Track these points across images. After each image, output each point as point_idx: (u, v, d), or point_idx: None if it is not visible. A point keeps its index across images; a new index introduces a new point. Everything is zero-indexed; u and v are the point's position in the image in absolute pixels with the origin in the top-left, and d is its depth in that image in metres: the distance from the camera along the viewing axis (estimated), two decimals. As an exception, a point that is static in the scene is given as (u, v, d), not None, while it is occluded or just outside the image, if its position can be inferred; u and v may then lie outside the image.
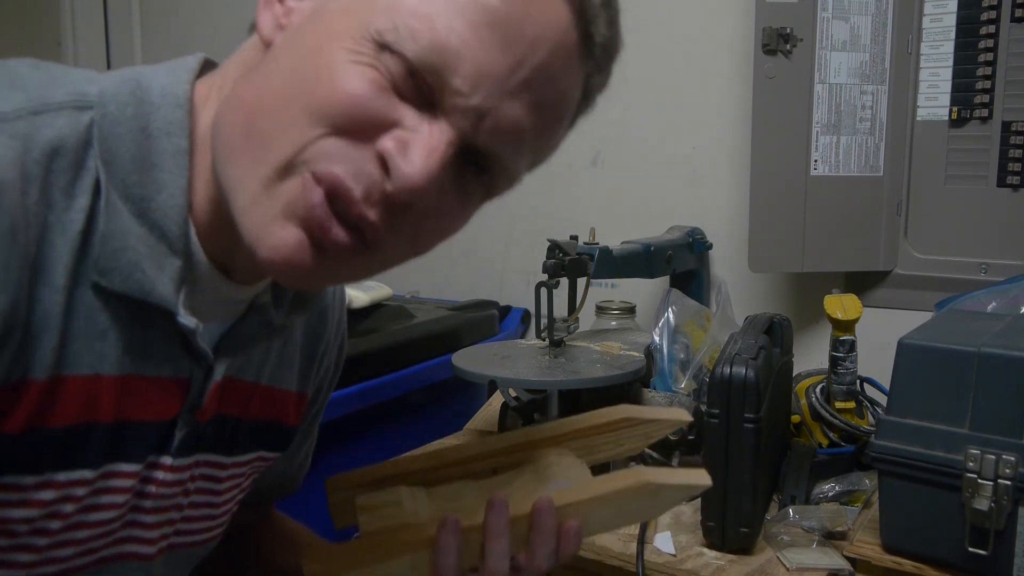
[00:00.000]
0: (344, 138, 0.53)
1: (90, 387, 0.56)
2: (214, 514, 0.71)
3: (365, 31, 0.53)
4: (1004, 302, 1.17)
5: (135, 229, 0.55)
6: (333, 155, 0.53)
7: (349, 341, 1.45)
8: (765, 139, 1.41)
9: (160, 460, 0.62)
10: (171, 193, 0.56)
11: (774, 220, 1.43)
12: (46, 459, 0.55)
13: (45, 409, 0.54)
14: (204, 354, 0.61)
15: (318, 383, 0.81)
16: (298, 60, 0.54)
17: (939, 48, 1.41)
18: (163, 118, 0.57)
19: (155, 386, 0.60)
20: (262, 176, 0.53)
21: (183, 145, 0.57)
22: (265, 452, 0.75)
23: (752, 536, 1.01)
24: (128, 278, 0.55)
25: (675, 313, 1.29)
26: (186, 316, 0.58)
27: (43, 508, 0.56)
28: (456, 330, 1.62)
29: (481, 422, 1.30)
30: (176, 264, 0.57)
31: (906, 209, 1.46)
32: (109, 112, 0.56)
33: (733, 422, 0.99)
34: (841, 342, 1.20)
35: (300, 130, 0.53)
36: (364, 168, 0.53)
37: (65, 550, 0.59)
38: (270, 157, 0.53)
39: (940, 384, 0.89)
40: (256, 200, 0.54)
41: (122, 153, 0.55)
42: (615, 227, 1.60)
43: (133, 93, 0.57)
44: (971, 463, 0.86)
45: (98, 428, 0.57)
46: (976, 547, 0.86)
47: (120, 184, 0.55)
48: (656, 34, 1.64)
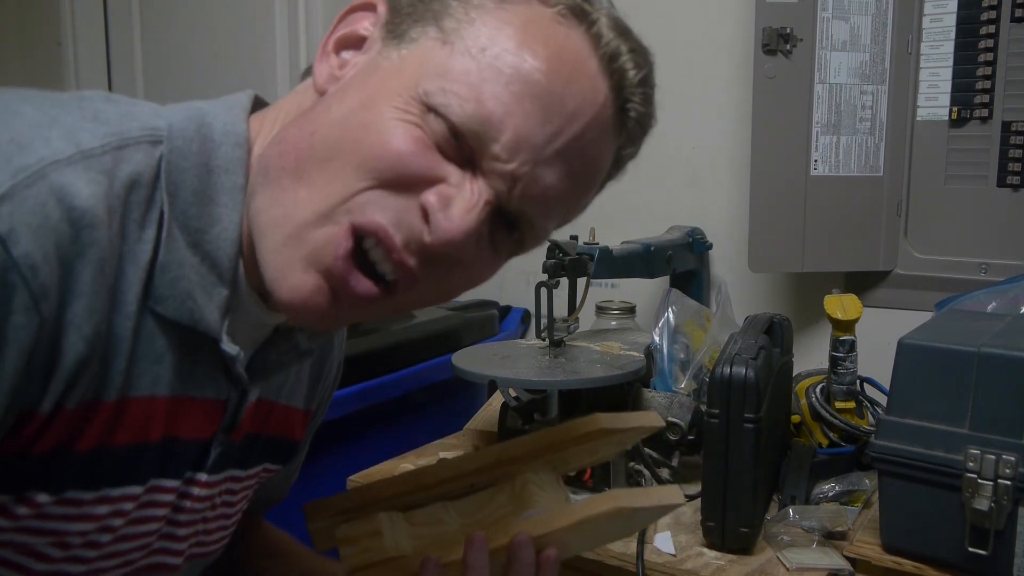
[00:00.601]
0: (388, 190, 0.56)
1: (147, 408, 0.59)
2: (227, 525, 0.74)
3: (414, 91, 0.57)
4: (1004, 302, 1.17)
5: (189, 259, 0.58)
6: (377, 205, 0.56)
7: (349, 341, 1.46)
8: (765, 139, 1.41)
9: (196, 476, 0.65)
10: (224, 227, 0.59)
11: (774, 220, 1.43)
12: (105, 476, 0.58)
13: (111, 429, 0.57)
14: (241, 379, 0.64)
15: (320, 399, 0.84)
16: (349, 112, 0.58)
17: (939, 48, 1.41)
18: (224, 156, 0.60)
19: (199, 407, 0.63)
20: (300, 220, 0.57)
21: (240, 182, 0.60)
22: (270, 464, 0.77)
23: (752, 536, 1.01)
24: (181, 306, 0.58)
25: (675, 313, 1.29)
26: (228, 344, 0.61)
27: (98, 522, 0.59)
28: (456, 330, 1.62)
29: (481, 422, 1.30)
30: (224, 293, 0.60)
31: (906, 209, 1.46)
32: (176, 147, 0.58)
33: (733, 422, 0.99)
34: (841, 342, 1.20)
35: (347, 181, 0.56)
36: (406, 218, 0.57)
37: (111, 561, 0.62)
38: (313, 203, 0.56)
39: (940, 384, 0.89)
40: (287, 242, 0.57)
41: (185, 187, 0.58)
42: (615, 227, 1.60)
43: (198, 130, 0.60)
44: (971, 463, 0.86)
45: (150, 447, 0.60)
46: (976, 547, 0.86)
47: (180, 216, 0.58)
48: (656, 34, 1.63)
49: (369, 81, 0.59)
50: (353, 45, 0.63)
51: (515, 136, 0.57)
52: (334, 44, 0.63)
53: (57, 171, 0.50)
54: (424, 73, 0.57)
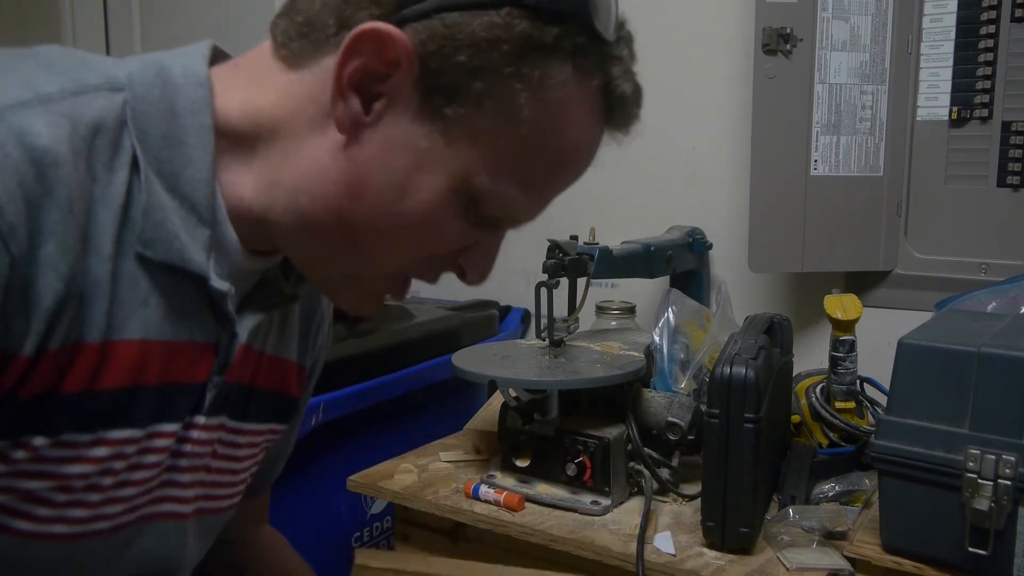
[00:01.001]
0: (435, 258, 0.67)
1: (139, 351, 0.60)
2: (234, 480, 0.75)
3: (463, 181, 0.60)
4: (1004, 302, 1.17)
5: (169, 202, 0.60)
6: (427, 269, 0.68)
7: (349, 341, 1.46)
8: (765, 139, 1.41)
9: (195, 420, 0.66)
10: (198, 168, 0.61)
11: (774, 220, 1.43)
12: (100, 418, 0.59)
13: (98, 371, 0.58)
14: (231, 316, 0.65)
15: (314, 357, 0.85)
16: (396, 193, 0.60)
17: (939, 48, 1.41)
18: (187, 97, 0.61)
19: (192, 350, 0.64)
20: (363, 279, 0.66)
21: (207, 122, 0.61)
22: (275, 425, 0.79)
23: (752, 536, 1.01)
24: (169, 248, 0.60)
25: (675, 313, 1.29)
26: (218, 281, 0.63)
27: (98, 464, 0.60)
28: (456, 330, 1.62)
29: (481, 422, 1.30)
30: (205, 233, 0.62)
31: (906, 209, 1.46)
32: (138, 93, 0.60)
33: (733, 422, 0.99)
34: (841, 342, 1.20)
35: (403, 260, 0.65)
36: (445, 269, 0.69)
37: (114, 507, 0.63)
38: (370, 270, 0.66)
39: (940, 384, 0.89)
40: (348, 284, 0.67)
41: (153, 131, 0.60)
42: (615, 227, 1.60)
43: (158, 75, 0.61)
44: (971, 463, 0.86)
45: (145, 390, 0.61)
46: (976, 547, 0.86)
47: (154, 160, 0.59)
48: (656, 34, 1.64)
49: (411, 156, 0.60)
50: (374, 90, 0.59)
51: (537, 212, 0.68)
52: (351, 83, 0.59)
53: (15, 114, 0.52)
54: (475, 165, 0.60)
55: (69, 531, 0.61)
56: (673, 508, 1.13)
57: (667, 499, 1.14)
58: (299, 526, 0.99)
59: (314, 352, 0.84)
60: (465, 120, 0.59)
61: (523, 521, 1.08)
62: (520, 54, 0.57)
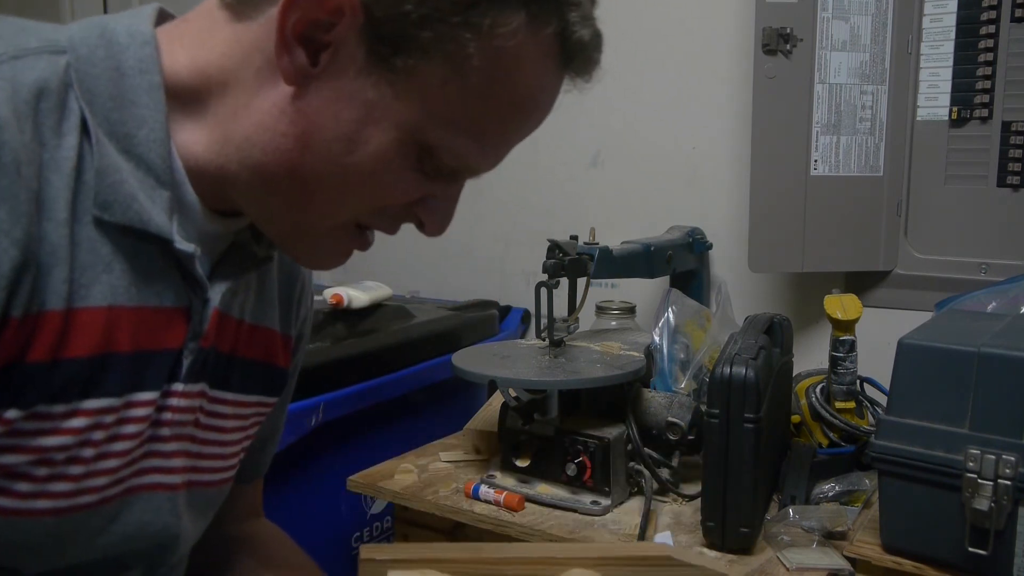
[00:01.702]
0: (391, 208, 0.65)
1: (106, 318, 0.59)
2: (223, 453, 0.74)
3: (414, 133, 0.59)
4: (1004, 302, 1.17)
5: (124, 164, 0.59)
6: (381, 219, 0.66)
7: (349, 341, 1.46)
8: (765, 139, 1.41)
9: (173, 387, 0.66)
10: (151, 128, 0.60)
11: (774, 220, 1.43)
12: (72, 388, 0.58)
13: (64, 340, 0.57)
14: (201, 279, 0.65)
15: (299, 328, 0.84)
16: (346, 145, 0.59)
17: (939, 48, 1.41)
18: (133, 56, 0.60)
19: (163, 316, 0.63)
20: (317, 231, 0.65)
21: (156, 80, 0.60)
22: (264, 397, 0.78)
23: (752, 536, 1.01)
24: (128, 209, 0.58)
25: (675, 313, 1.29)
26: (183, 243, 0.62)
27: (76, 436, 0.59)
28: (456, 330, 1.62)
29: (481, 422, 1.30)
30: (165, 195, 0.61)
31: (906, 209, 1.46)
32: (82, 55, 0.59)
33: (733, 422, 0.99)
34: (841, 342, 1.20)
35: (356, 211, 0.64)
36: (402, 220, 0.67)
37: (99, 479, 0.62)
38: (326, 222, 0.64)
39: (940, 384, 0.89)
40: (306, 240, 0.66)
41: (100, 92, 0.58)
42: (615, 227, 1.60)
43: (101, 36, 0.60)
44: (971, 463, 0.86)
45: (117, 358, 0.60)
46: (976, 547, 0.86)
47: (104, 122, 0.58)
48: (656, 34, 1.64)
49: (359, 108, 0.59)
50: (320, 40, 0.58)
51: (494, 163, 0.66)
52: (295, 33, 0.58)
53: None
54: (424, 117, 0.59)
55: (54, 506, 0.60)
56: (673, 508, 1.13)
57: (667, 499, 1.14)
58: (299, 526, 0.99)
59: (298, 322, 0.83)
60: (413, 71, 0.57)
61: (523, 521, 1.08)
62: (469, 2, 0.56)
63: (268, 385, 0.78)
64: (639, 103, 1.67)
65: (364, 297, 1.54)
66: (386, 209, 0.65)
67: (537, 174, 1.82)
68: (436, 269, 1.97)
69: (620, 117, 1.70)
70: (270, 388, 0.78)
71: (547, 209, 1.80)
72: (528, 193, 1.84)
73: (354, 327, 1.51)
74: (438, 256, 1.98)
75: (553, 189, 1.80)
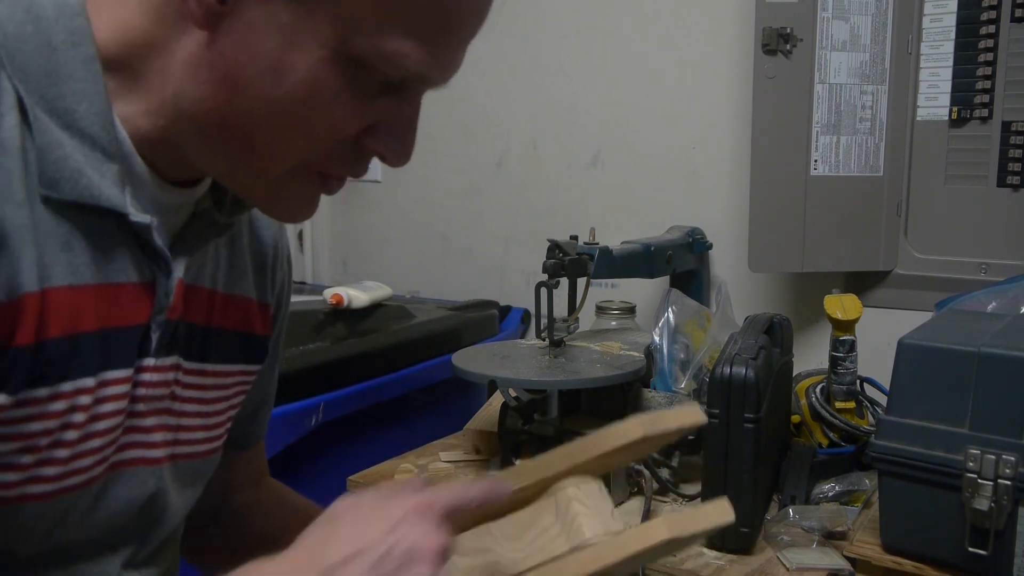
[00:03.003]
0: (337, 144, 0.60)
1: (72, 298, 0.58)
2: (207, 424, 0.74)
3: (340, 47, 0.55)
4: (1004, 302, 1.17)
5: (67, 141, 0.57)
6: (336, 159, 0.61)
7: (349, 341, 1.46)
8: (765, 139, 1.41)
9: (144, 363, 0.65)
10: (92, 101, 0.58)
11: (774, 220, 1.43)
12: (51, 370, 0.58)
13: (42, 321, 0.57)
14: (161, 251, 0.63)
15: (276, 296, 0.82)
16: (274, 73, 0.56)
17: (939, 48, 1.41)
18: (64, 28, 0.58)
19: (126, 292, 0.62)
20: (273, 177, 0.61)
21: (91, 52, 0.58)
22: (246, 365, 0.77)
23: (752, 536, 1.01)
24: (76, 185, 0.57)
25: (675, 313, 1.29)
26: (138, 215, 0.60)
27: (58, 419, 0.59)
28: (456, 330, 1.62)
29: (481, 422, 1.30)
30: (114, 168, 0.59)
31: (906, 209, 1.46)
32: (10, 32, 0.57)
33: (733, 422, 0.99)
34: (841, 342, 1.20)
35: (301, 151, 0.60)
36: (361, 158, 0.62)
37: (85, 460, 0.62)
38: (278, 166, 0.60)
39: (940, 384, 0.89)
40: (269, 192, 0.62)
41: (34, 70, 0.57)
42: (615, 227, 1.60)
43: (27, 11, 0.58)
44: (971, 463, 0.86)
45: (86, 337, 0.60)
46: (976, 547, 0.86)
47: (40, 100, 0.57)
48: (656, 34, 1.64)
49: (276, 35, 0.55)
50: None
51: (441, 73, 0.60)
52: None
53: None
54: (346, 27, 0.55)
55: (43, 490, 0.60)
56: (673, 508, 1.13)
57: (667, 499, 1.14)
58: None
59: (275, 289, 0.82)
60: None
61: (523, 521, 1.08)
62: None
63: (248, 354, 0.77)
64: (639, 103, 1.67)
65: (364, 297, 1.54)
66: (338, 145, 0.60)
67: (537, 174, 1.82)
68: (436, 269, 1.97)
69: (620, 117, 1.70)
70: (251, 356, 0.77)
71: (547, 209, 1.80)
72: (528, 193, 1.84)
73: (354, 327, 1.51)
74: (438, 256, 1.98)
75: (553, 189, 1.80)
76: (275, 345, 0.84)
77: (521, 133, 1.83)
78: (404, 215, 2.02)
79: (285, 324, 0.86)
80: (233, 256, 0.75)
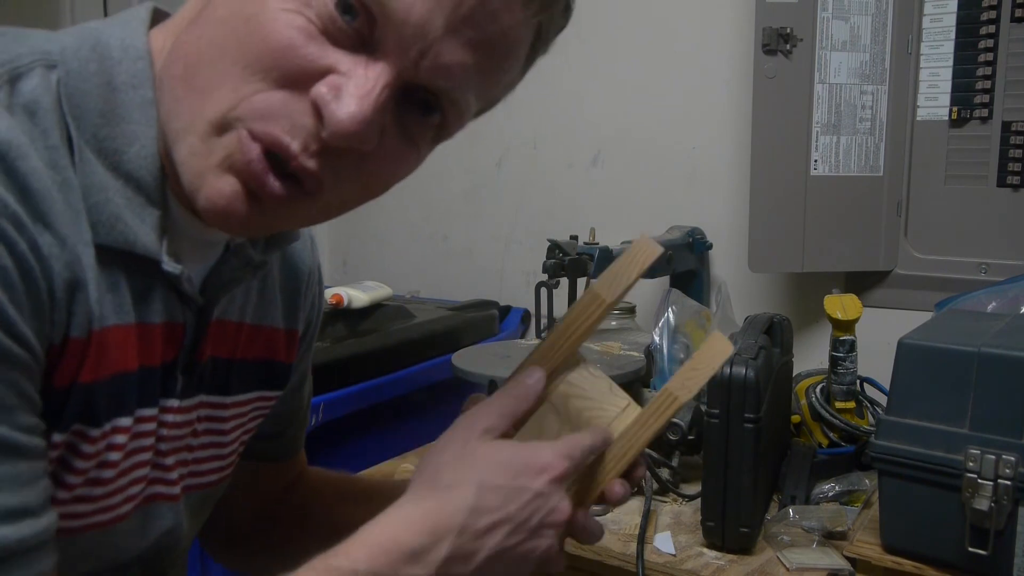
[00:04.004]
0: (278, 90, 0.53)
1: (119, 337, 0.58)
2: (221, 454, 0.74)
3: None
4: (1004, 302, 1.17)
5: (112, 183, 0.57)
6: (268, 112, 0.53)
7: (349, 341, 1.46)
8: (765, 139, 1.41)
9: (168, 403, 0.65)
10: (143, 144, 0.58)
11: (774, 220, 1.43)
12: (100, 409, 0.58)
13: (97, 360, 0.57)
14: (192, 297, 0.63)
15: (307, 318, 0.82)
16: (230, 10, 0.54)
17: (939, 48, 1.41)
18: (126, 71, 0.58)
19: (159, 332, 0.62)
20: (200, 130, 0.54)
21: (149, 96, 0.58)
22: (265, 392, 0.77)
23: (752, 536, 1.01)
24: (112, 230, 0.56)
25: (675, 313, 1.29)
26: (170, 263, 0.60)
27: (95, 458, 0.59)
28: (456, 330, 1.62)
29: (481, 422, 1.30)
30: (156, 214, 0.59)
31: (906, 209, 1.46)
32: (73, 69, 0.57)
33: (733, 422, 0.99)
34: (841, 342, 1.21)
35: (234, 85, 0.53)
36: (300, 121, 0.53)
37: (115, 498, 0.62)
38: (207, 112, 0.54)
39: (940, 384, 0.89)
40: (195, 152, 0.55)
41: (90, 108, 0.56)
42: (615, 227, 1.60)
43: (94, 49, 0.58)
44: (971, 463, 0.86)
45: (130, 376, 0.60)
46: (976, 547, 0.86)
47: (91, 139, 0.56)
48: (656, 34, 1.64)
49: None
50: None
51: (410, 4, 0.52)
52: None
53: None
54: None
55: (69, 526, 0.60)
56: (673, 508, 1.13)
57: (667, 499, 1.14)
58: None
59: (304, 314, 0.81)
60: None
61: (523, 521, 1.08)
62: None
63: (268, 381, 0.77)
64: (639, 103, 1.67)
65: (364, 297, 1.54)
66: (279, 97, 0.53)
67: (537, 174, 1.82)
68: (436, 269, 1.97)
69: (620, 117, 1.70)
70: (270, 383, 0.78)
71: (547, 209, 1.81)
72: (528, 193, 1.84)
73: (354, 327, 1.51)
74: (438, 256, 1.98)
75: (553, 189, 1.80)
76: (297, 366, 0.83)
77: (521, 133, 1.83)
78: (404, 215, 2.02)
79: (314, 342, 0.86)
80: (263, 287, 0.75)
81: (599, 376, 0.70)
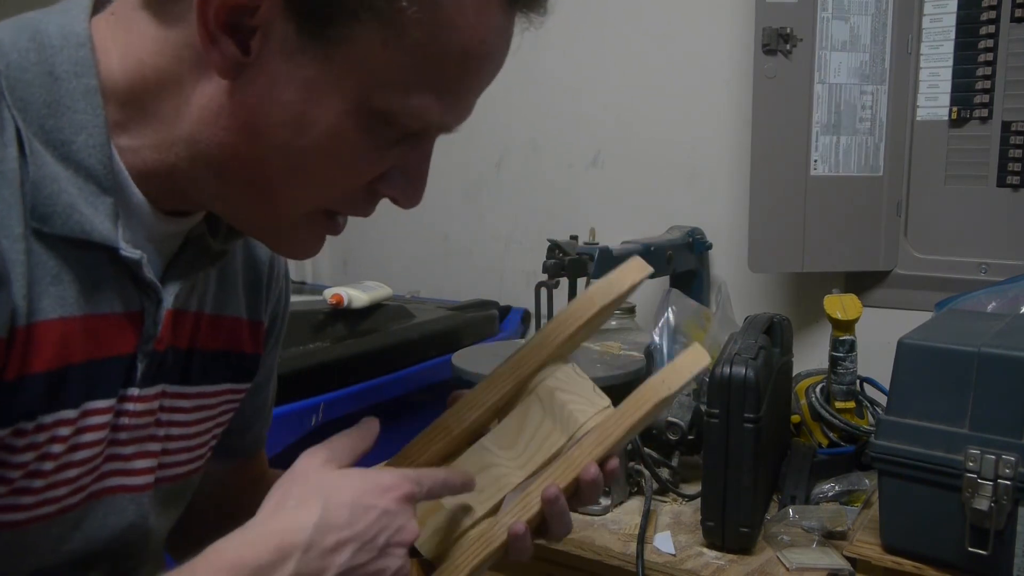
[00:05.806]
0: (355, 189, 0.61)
1: (60, 330, 0.58)
2: (190, 445, 0.73)
3: (363, 103, 0.56)
4: (1004, 302, 1.17)
5: (62, 173, 0.57)
6: (348, 202, 0.63)
7: (349, 341, 1.46)
8: (765, 139, 1.41)
9: (128, 392, 0.64)
10: (90, 133, 0.58)
11: (774, 220, 1.43)
12: (36, 403, 0.58)
13: (31, 354, 0.56)
14: (152, 284, 0.63)
15: (272, 311, 0.82)
16: (296, 126, 0.57)
17: (939, 48, 1.41)
18: (67, 59, 0.58)
19: (113, 322, 0.62)
20: (288, 222, 0.62)
21: (93, 84, 0.58)
22: (233, 384, 0.76)
23: (752, 536, 1.01)
24: (68, 220, 0.57)
25: (675, 313, 1.29)
26: (129, 249, 0.60)
27: (37, 450, 0.59)
28: (456, 330, 1.62)
29: (481, 422, 1.30)
30: (108, 201, 0.59)
31: (906, 209, 1.46)
32: (13, 60, 0.56)
33: (733, 422, 0.99)
34: (841, 342, 1.21)
35: (319, 196, 0.61)
36: (374, 202, 0.64)
37: (59, 490, 0.61)
38: (294, 211, 0.61)
39: (940, 384, 0.89)
40: (281, 232, 0.64)
41: (34, 100, 0.56)
42: (615, 227, 1.60)
43: (32, 39, 0.57)
44: (971, 463, 0.86)
45: (74, 369, 0.59)
46: (976, 547, 0.86)
47: (39, 131, 0.56)
48: (656, 34, 1.64)
49: (298, 89, 0.56)
50: (245, 28, 0.55)
51: (461, 114, 0.61)
52: (219, 24, 0.54)
53: None
54: (371, 83, 0.56)
55: (15, 519, 0.60)
56: (673, 508, 1.13)
57: (667, 499, 1.15)
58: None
59: (269, 305, 0.81)
60: (347, 39, 0.54)
61: (523, 521, 1.08)
62: None
63: (235, 373, 0.77)
64: (639, 103, 1.67)
65: (364, 297, 1.54)
66: (352, 190, 0.61)
67: (537, 174, 1.82)
68: (436, 269, 1.97)
69: (620, 117, 1.70)
70: (237, 375, 0.77)
71: (547, 209, 1.80)
72: (528, 193, 1.84)
73: (354, 327, 1.51)
74: (438, 256, 1.98)
75: (553, 189, 1.80)
76: (265, 359, 0.83)
77: (521, 133, 1.83)
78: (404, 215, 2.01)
79: (282, 337, 0.85)
80: (223, 276, 0.74)
81: (584, 377, 0.71)
